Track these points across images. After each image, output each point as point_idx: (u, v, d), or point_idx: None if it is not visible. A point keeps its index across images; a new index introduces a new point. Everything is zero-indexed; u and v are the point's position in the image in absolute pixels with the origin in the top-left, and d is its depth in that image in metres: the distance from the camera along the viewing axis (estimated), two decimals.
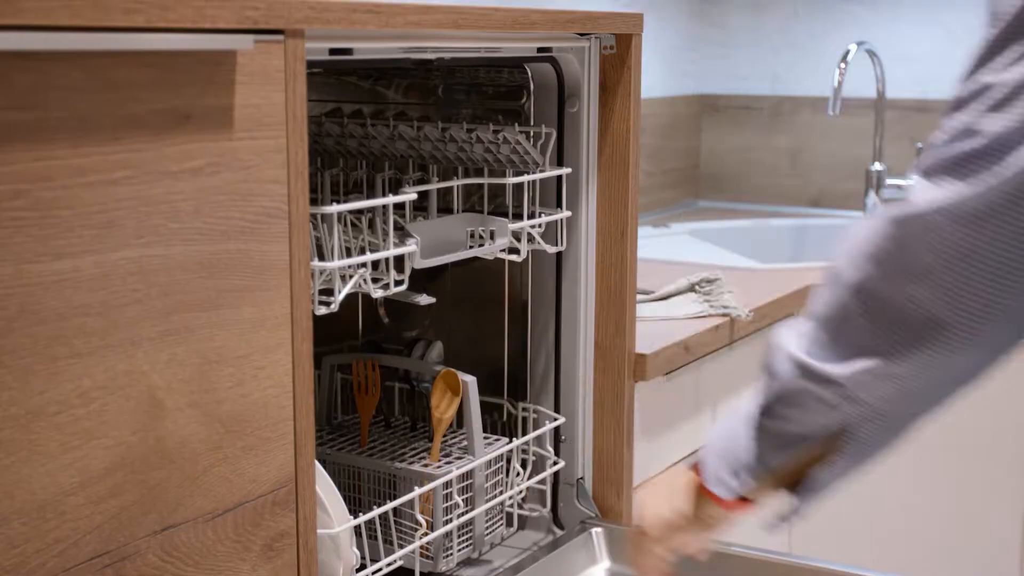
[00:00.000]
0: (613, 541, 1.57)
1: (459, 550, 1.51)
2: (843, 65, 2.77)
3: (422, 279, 1.71)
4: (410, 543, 1.42)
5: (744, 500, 1.15)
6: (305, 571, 1.12)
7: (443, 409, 1.52)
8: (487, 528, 1.55)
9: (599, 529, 1.59)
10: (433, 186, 1.46)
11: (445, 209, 1.55)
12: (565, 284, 1.63)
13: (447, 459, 1.54)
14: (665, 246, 2.69)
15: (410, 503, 1.43)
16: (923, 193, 0.91)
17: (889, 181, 3.05)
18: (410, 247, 1.33)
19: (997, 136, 0.85)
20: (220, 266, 0.99)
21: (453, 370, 1.52)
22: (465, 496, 1.50)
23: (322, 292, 1.28)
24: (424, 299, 1.46)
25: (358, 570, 1.31)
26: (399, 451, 1.57)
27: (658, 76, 3.13)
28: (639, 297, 2.01)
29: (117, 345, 0.92)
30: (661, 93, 3.17)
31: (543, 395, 1.68)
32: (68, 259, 0.87)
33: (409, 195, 1.35)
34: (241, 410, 1.03)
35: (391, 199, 1.32)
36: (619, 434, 1.62)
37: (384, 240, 1.33)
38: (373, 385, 1.60)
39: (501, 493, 1.58)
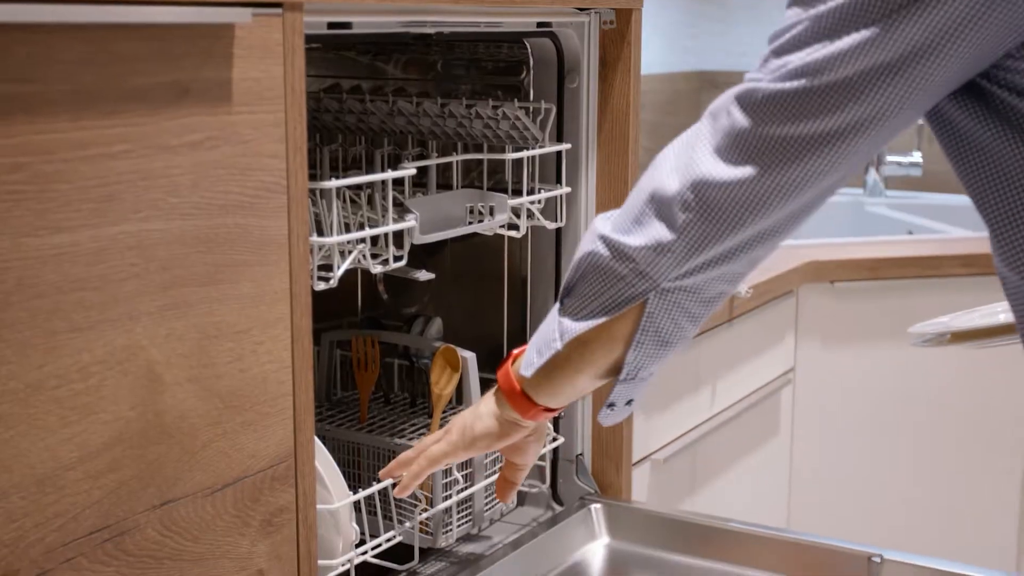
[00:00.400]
0: (613, 517, 1.58)
1: (459, 526, 1.51)
2: None
3: (421, 255, 1.71)
4: (409, 519, 1.42)
5: (541, 407, 1.17)
6: (304, 546, 1.12)
7: (442, 385, 1.52)
8: (486, 504, 1.56)
9: (598, 505, 1.59)
10: (432, 161, 1.46)
11: (444, 185, 1.55)
12: (565, 260, 1.63)
13: None
14: None
15: None
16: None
17: (889, 157, 3.05)
18: (409, 223, 1.33)
19: None
20: (219, 241, 0.99)
21: (452, 346, 1.52)
22: (464, 472, 1.50)
23: (321, 268, 1.28)
24: (423, 275, 1.46)
25: (357, 545, 1.31)
26: (399, 427, 1.57)
27: (657, 53, 3.12)
28: None
29: (116, 319, 0.91)
30: (661, 69, 3.16)
31: None
32: (67, 233, 0.87)
33: (408, 170, 1.35)
34: (240, 385, 1.03)
35: (390, 174, 1.31)
36: None
37: (383, 216, 1.32)
38: (372, 361, 1.60)
39: (500, 469, 1.57)
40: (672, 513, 1.61)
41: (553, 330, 1.11)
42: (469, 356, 1.51)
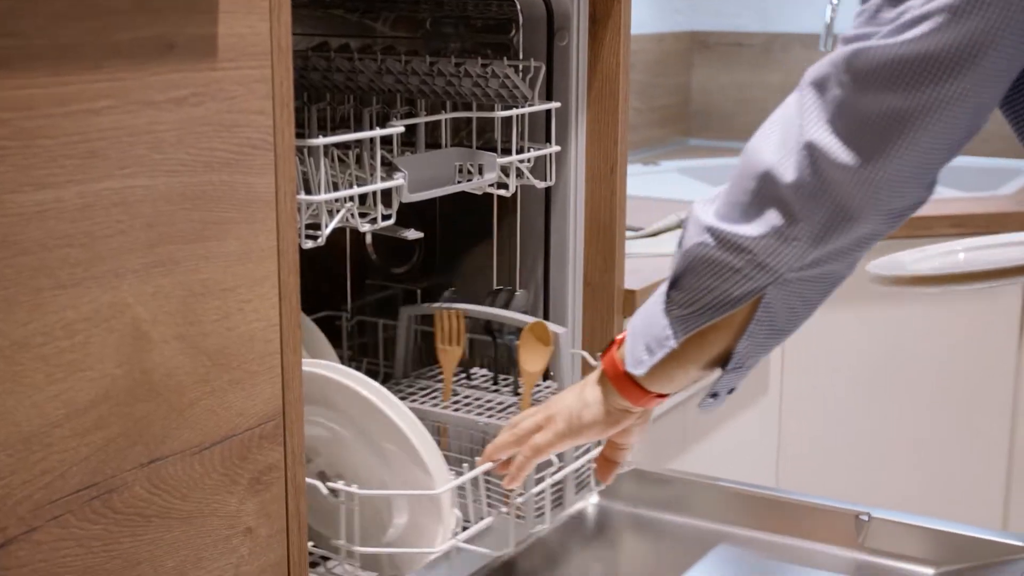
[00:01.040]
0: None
1: (552, 509, 1.42)
2: (835, 0, 2.74)
3: (411, 215, 1.70)
4: (503, 504, 1.36)
5: (654, 393, 1.13)
6: (293, 505, 1.12)
7: (533, 362, 1.45)
8: (577, 487, 1.48)
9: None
10: (421, 120, 1.45)
11: (433, 144, 1.54)
12: (554, 220, 1.63)
13: None
14: (655, 184, 2.69)
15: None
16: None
17: None
18: (397, 181, 1.32)
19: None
20: (204, 198, 0.98)
21: (543, 321, 1.44)
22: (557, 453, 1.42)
23: (309, 227, 1.27)
24: (412, 233, 1.45)
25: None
26: (484, 406, 1.50)
27: (648, 13, 3.10)
28: (628, 234, 2.01)
29: (101, 276, 0.91)
30: (651, 29, 3.14)
31: None
32: (50, 189, 0.86)
33: (396, 128, 1.34)
34: (227, 343, 1.03)
35: (378, 132, 1.31)
36: None
37: (371, 174, 1.32)
38: (459, 336, 1.52)
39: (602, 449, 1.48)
40: (662, 472, 1.61)
41: (664, 326, 1.06)
42: (561, 332, 1.44)
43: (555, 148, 1.54)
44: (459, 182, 1.43)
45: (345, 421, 1.28)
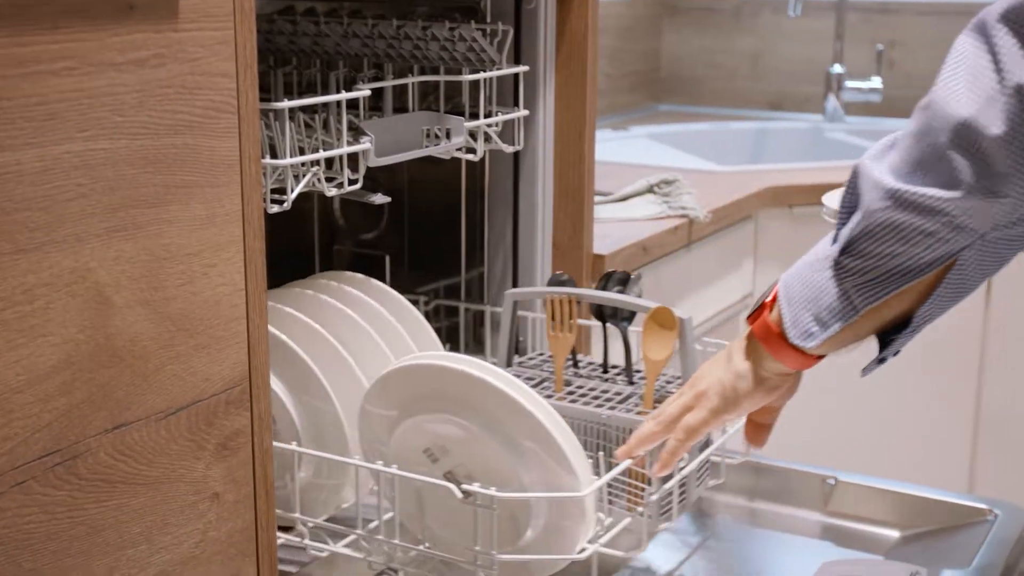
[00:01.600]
0: None
1: (679, 504, 1.34)
2: None
3: (382, 180, 1.69)
4: (633, 501, 1.29)
5: (815, 356, 1.08)
6: (260, 470, 1.12)
7: (657, 350, 1.35)
8: (698, 479, 1.41)
9: None
10: (387, 83, 1.44)
11: (400, 109, 1.53)
12: (523, 184, 1.62)
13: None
14: (624, 149, 2.68)
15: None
16: None
17: (849, 84, 3.04)
18: (364, 145, 1.31)
19: None
20: (167, 161, 0.97)
21: (667, 307, 1.35)
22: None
23: (275, 191, 1.26)
24: (379, 198, 1.45)
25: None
26: (601, 396, 1.40)
27: None
28: (597, 199, 2.00)
29: (62, 241, 0.90)
30: None
31: (501, 296, 1.68)
32: (9, 152, 0.85)
33: (363, 92, 1.33)
34: (192, 308, 1.02)
35: (344, 96, 1.30)
36: None
37: (337, 138, 1.31)
38: (572, 323, 1.42)
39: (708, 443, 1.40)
40: None
41: (837, 296, 1.00)
42: (686, 318, 1.35)
43: (523, 112, 1.54)
44: (426, 146, 1.42)
45: (481, 418, 1.17)
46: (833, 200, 1.35)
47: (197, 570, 1.07)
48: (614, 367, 1.47)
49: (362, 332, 1.36)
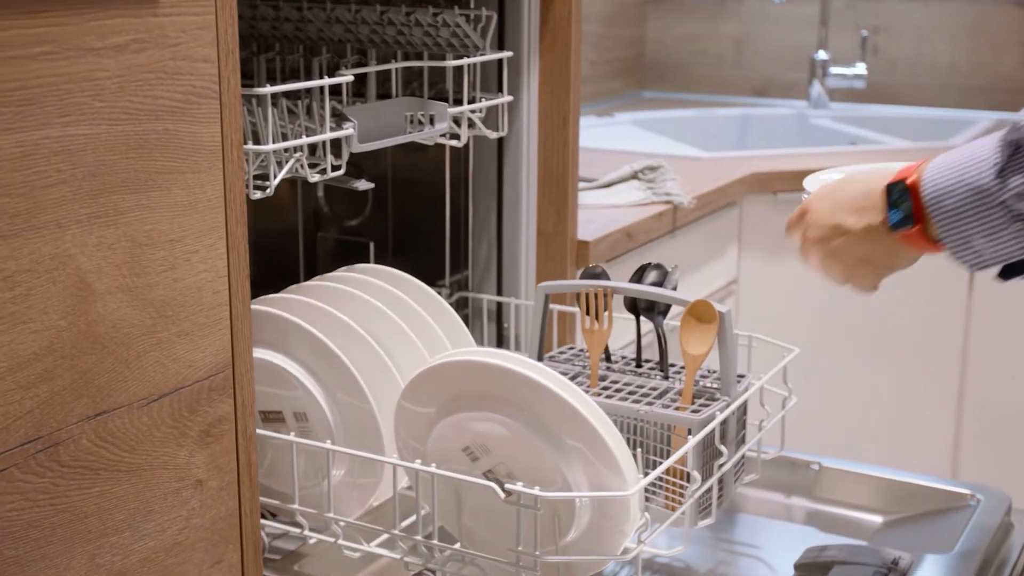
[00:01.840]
0: None
1: (717, 501, 1.31)
2: None
3: (366, 167, 1.69)
4: (672, 499, 1.27)
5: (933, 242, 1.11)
6: (244, 457, 1.12)
7: (696, 344, 1.31)
8: (735, 476, 1.38)
9: None
10: (370, 69, 1.44)
11: (384, 96, 1.52)
12: (507, 170, 1.62)
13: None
14: (609, 135, 2.68)
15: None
16: None
17: (833, 70, 3.04)
18: (347, 131, 1.31)
19: None
20: (148, 147, 0.96)
21: (707, 301, 1.31)
22: (722, 443, 1.29)
23: (257, 177, 1.26)
24: (363, 184, 1.44)
25: None
26: (637, 392, 1.35)
27: None
28: (582, 185, 2.00)
29: (42, 227, 0.89)
30: None
31: (485, 283, 1.68)
32: None
33: (345, 77, 1.33)
34: (174, 294, 1.02)
35: (327, 81, 1.29)
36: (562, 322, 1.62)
37: (321, 124, 1.30)
38: (606, 317, 1.38)
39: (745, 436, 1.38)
40: None
41: (1008, 235, 1.03)
42: (726, 311, 1.31)
43: (507, 98, 1.53)
44: (410, 132, 1.42)
45: (524, 416, 1.15)
46: (813, 184, 1.34)
47: (181, 557, 1.06)
48: (647, 361, 1.44)
49: (395, 327, 1.33)
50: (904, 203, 1.10)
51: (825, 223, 1.17)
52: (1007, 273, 1.10)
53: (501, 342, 1.68)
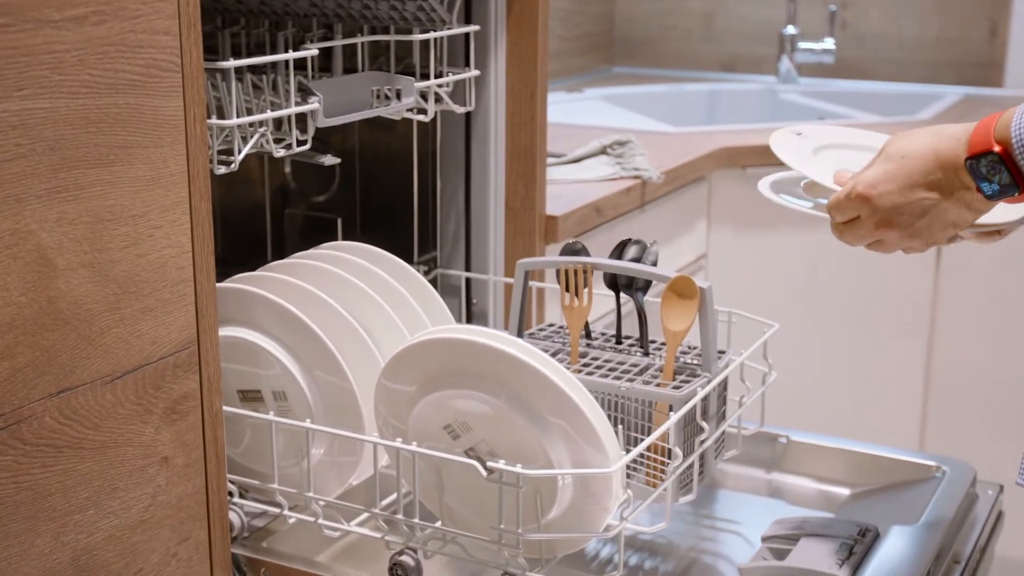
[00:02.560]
0: None
1: (698, 477, 1.31)
2: None
3: (333, 143, 1.68)
4: (654, 476, 1.26)
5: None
6: (211, 434, 1.11)
7: (677, 320, 1.30)
8: (716, 453, 1.38)
9: None
10: (336, 43, 1.43)
11: (351, 71, 1.51)
12: (475, 145, 1.62)
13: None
14: (578, 111, 2.67)
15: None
16: None
17: (802, 45, 3.04)
18: (312, 105, 1.30)
19: None
20: (109, 121, 0.95)
21: (688, 277, 1.30)
22: (703, 419, 1.28)
23: (222, 152, 1.25)
24: (328, 159, 1.43)
25: None
26: (617, 368, 1.34)
27: None
28: (550, 160, 2.00)
29: (1, 202, 0.88)
30: None
31: (454, 258, 1.67)
32: None
33: (310, 51, 1.31)
34: (137, 270, 1.01)
35: (291, 55, 1.28)
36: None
37: (286, 99, 1.29)
38: (586, 294, 1.37)
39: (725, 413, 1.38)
40: None
41: None
42: (707, 287, 1.30)
43: (474, 72, 1.53)
44: (376, 107, 1.41)
45: (506, 394, 1.14)
46: (777, 141, 1.34)
47: (147, 534, 1.06)
48: (627, 338, 1.43)
49: (375, 305, 1.32)
50: (998, 174, 1.09)
51: (899, 202, 1.16)
52: None
53: (471, 318, 1.68)
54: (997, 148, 1.08)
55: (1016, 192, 1.09)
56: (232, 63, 1.20)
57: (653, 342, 1.40)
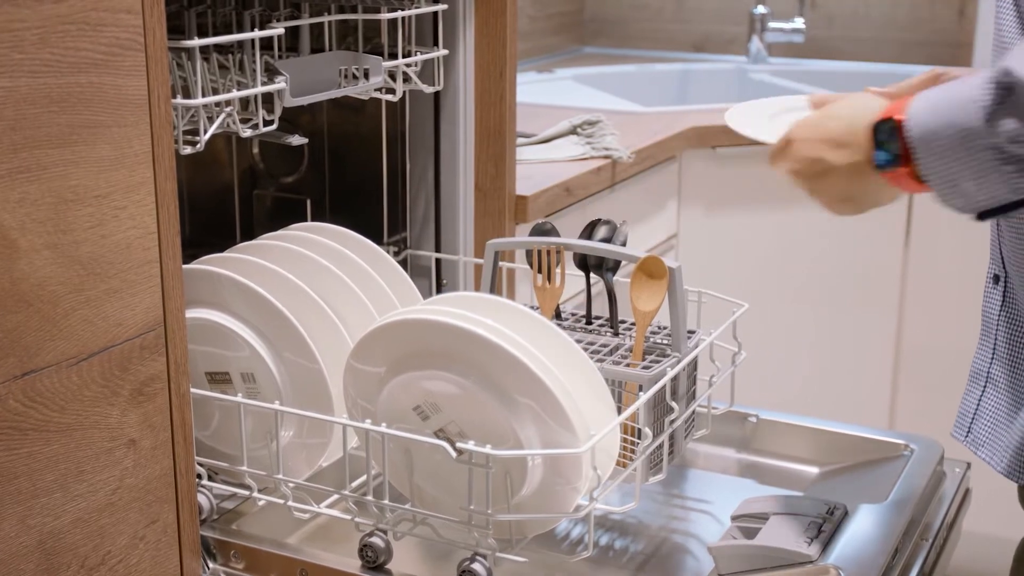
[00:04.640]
0: None
1: (668, 456, 1.31)
2: None
3: (302, 123, 1.66)
4: (624, 456, 1.24)
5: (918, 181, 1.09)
6: (178, 416, 1.11)
7: (646, 300, 1.30)
8: (685, 432, 1.37)
9: None
10: (302, 21, 1.41)
11: (318, 50, 1.50)
12: (444, 125, 1.61)
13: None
14: (549, 91, 2.67)
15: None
16: None
17: (772, 24, 3.05)
18: (279, 85, 1.29)
19: None
20: (71, 100, 0.94)
21: (657, 256, 1.30)
22: (673, 399, 1.30)
23: (188, 132, 1.24)
24: (296, 139, 1.42)
25: None
26: (588, 349, 1.33)
27: None
28: (520, 140, 1.99)
29: None
30: None
31: (424, 239, 1.67)
32: None
33: (277, 30, 1.31)
34: (102, 252, 1.00)
35: (257, 34, 1.27)
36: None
37: (252, 78, 1.28)
38: (558, 274, 1.37)
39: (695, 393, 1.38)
40: None
41: (995, 180, 1.02)
42: (676, 267, 1.30)
43: (443, 52, 1.52)
44: (344, 86, 1.40)
45: (475, 374, 1.13)
46: (734, 117, 1.33)
47: (115, 517, 1.05)
48: (597, 318, 1.42)
49: (343, 286, 1.31)
50: (891, 143, 1.08)
51: (808, 156, 1.15)
52: (984, 214, 1.09)
53: None
54: (901, 115, 1.07)
55: (897, 165, 1.08)
56: (197, 42, 1.19)
57: (623, 322, 1.40)
